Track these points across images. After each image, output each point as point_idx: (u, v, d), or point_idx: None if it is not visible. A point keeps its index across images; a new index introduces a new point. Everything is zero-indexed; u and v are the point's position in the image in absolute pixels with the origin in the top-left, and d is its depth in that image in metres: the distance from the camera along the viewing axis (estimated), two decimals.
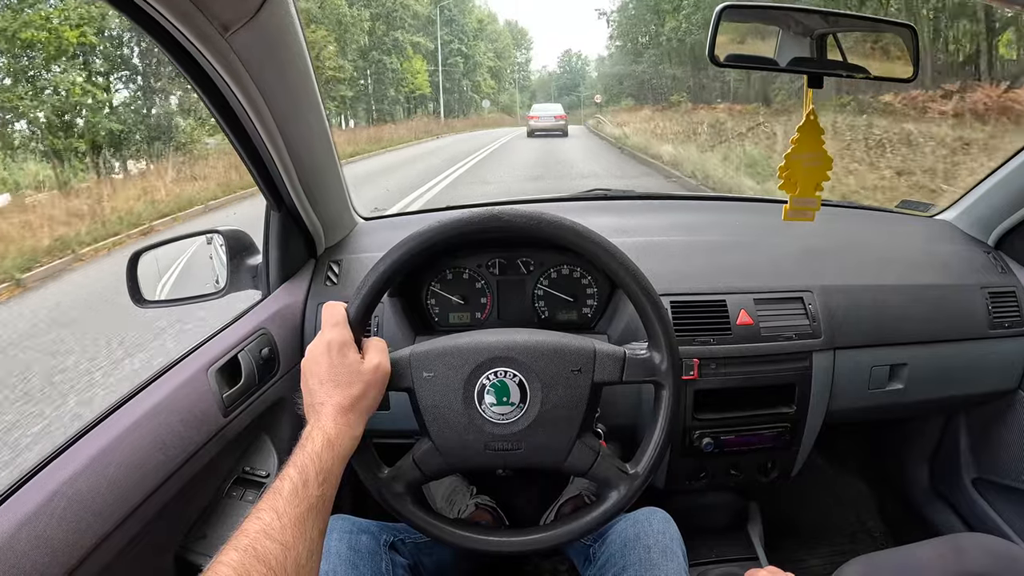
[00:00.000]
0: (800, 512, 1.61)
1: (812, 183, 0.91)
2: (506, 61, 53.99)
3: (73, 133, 12.31)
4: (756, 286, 1.13)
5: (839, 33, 0.95)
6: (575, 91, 67.88)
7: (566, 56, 74.93)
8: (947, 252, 1.28)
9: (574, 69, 72.57)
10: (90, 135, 12.41)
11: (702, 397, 1.08)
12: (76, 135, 12.33)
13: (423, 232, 0.76)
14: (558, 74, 73.71)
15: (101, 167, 12.33)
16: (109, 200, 8.73)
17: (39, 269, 6.17)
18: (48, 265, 6.30)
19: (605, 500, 0.78)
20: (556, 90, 68.32)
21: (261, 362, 0.98)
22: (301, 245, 1.14)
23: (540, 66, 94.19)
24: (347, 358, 0.70)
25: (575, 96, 66.02)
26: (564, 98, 63.81)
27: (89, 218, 7.79)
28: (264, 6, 0.73)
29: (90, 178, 11.35)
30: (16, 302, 5.51)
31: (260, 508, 0.58)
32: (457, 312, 1.14)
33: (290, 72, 0.84)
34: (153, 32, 0.71)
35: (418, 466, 0.77)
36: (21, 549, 0.60)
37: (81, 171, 11.75)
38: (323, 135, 0.99)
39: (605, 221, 1.24)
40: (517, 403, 0.74)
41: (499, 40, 52.61)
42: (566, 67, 73.63)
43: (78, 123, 12.54)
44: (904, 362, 1.17)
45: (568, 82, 70.07)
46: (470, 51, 43.99)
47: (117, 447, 0.74)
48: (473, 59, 44.43)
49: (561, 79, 71.63)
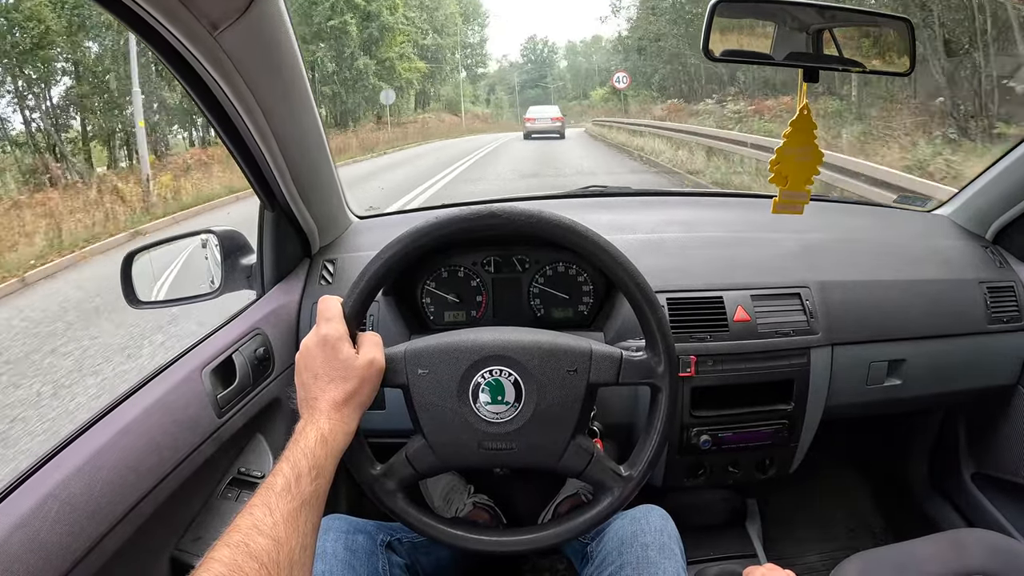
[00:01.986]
0: (799, 509, 1.61)
1: (803, 177, 0.91)
2: (450, 39, 39.55)
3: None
4: (753, 282, 1.12)
5: (835, 27, 0.94)
6: (541, 82, 60.93)
7: (530, 44, 66.08)
8: (945, 247, 1.28)
9: (540, 59, 64.89)
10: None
11: (699, 394, 1.08)
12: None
13: (420, 228, 0.75)
14: (520, 64, 65.22)
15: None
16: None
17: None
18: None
19: (599, 502, 0.77)
20: (519, 83, 61.47)
21: (256, 362, 0.98)
22: (296, 245, 1.13)
23: (500, 55, 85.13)
24: (342, 353, 0.70)
25: (540, 88, 59.33)
26: (528, 91, 57.84)
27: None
28: (253, 4, 0.72)
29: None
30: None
31: (252, 504, 0.58)
32: (452, 311, 1.14)
33: (281, 70, 0.84)
34: (141, 31, 0.70)
35: (411, 463, 0.76)
36: (14, 552, 0.60)
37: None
38: (316, 134, 0.98)
39: (601, 218, 1.24)
40: (512, 402, 0.74)
41: (438, 7, 37.38)
42: (530, 56, 65.32)
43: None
44: (902, 358, 1.17)
45: (534, 73, 62.74)
46: (372, 6, 26.77)
47: (111, 449, 0.74)
48: (379, 20, 26.95)
49: (524, 71, 63.68)
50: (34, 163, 11.98)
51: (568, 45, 65.71)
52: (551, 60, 64.26)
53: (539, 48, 65.22)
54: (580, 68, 60.86)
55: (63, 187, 10.54)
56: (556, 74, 63.29)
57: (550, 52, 64.34)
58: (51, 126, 13.90)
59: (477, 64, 50.77)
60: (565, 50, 65.42)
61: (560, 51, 65.99)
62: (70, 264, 7.13)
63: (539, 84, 59.98)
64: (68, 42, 14.22)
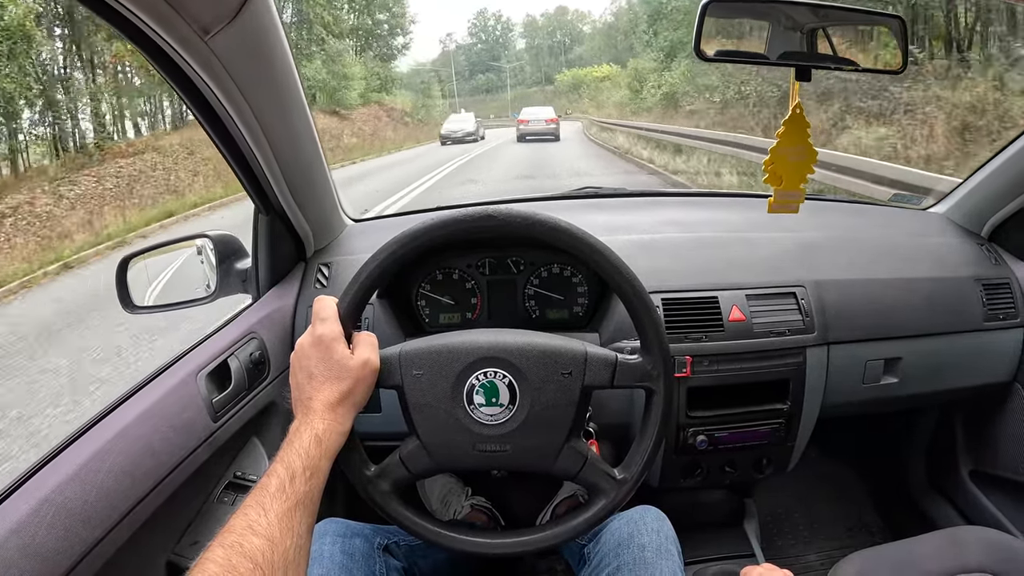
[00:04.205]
0: (796, 508, 1.61)
1: (798, 176, 0.91)
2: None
3: None
4: (748, 281, 1.12)
5: (828, 26, 0.94)
6: (494, 65, 51.39)
7: (480, 20, 55.79)
8: (940, 245, 1.28)
9: (493, 38, 55.75)
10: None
11: (695, 394, 1.08)
12: None
13: (415, 229, 0.75)
14: (469, 44, 55.58)
15: None
16: None
17: None
18: None
19: (593, 505, 0.77)
20: (468, 67, 52.45)
21: (251, 366, 0.98)
22: (290, 248, 1.13)
23: (444, 34, 72.64)
24: (336, 353, 0.70)
25: (494, 72, 50.10)
26: (480, 76, 50.00)
27: None
28: (244, 8, 0.72)
29: None
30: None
31: (247, 504, 0.58)
32: (447, 313, 1.14)
33: (273, 74, 0.84)
34: (131, 36, 0.70)
35: (405, 464, 0.76)
36: (10, 557, 0.60)
37: None
38: (309, 137, 0.98)
39: (596, 219, 1.24)
40: (506, 404, 0.74)
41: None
42: (480, 35, 56.00)
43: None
44: (899, 356, 1.17)
45: (484, 55, 53.61)
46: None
47: (107, 454, 0.74)
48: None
49: (474, 52, 54.30)
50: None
51: (527, 20, 55.94)
52: (507, 40, 55.82)
53: (491, 25, 55.96)
54: (542, 48, 52.79)
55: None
56: (513, 55, 54.82)
57: (504, 30, 55.83)
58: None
59: (392, 33, 33.10)
60: (523, 26, 56.11)
61: (516, 28, 57.00)
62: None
63: (491, 67, 51.34)
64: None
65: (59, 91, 13.71)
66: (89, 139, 13.64)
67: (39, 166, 12.24)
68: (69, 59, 14.19)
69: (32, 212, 10.04)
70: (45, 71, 13.47)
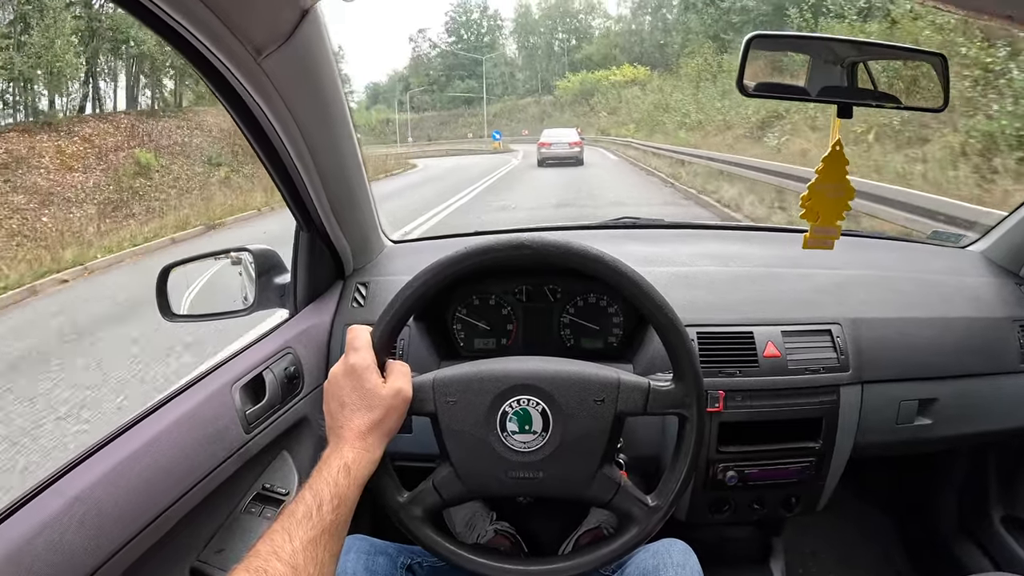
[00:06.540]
0: (824, 547, 1.56)
1: (834, 213, 0.91)
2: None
3: None
4: (784, 318, 1.11)
5: (869, 61, 0.94)
6: (472, 72, 38.87)
7: (462, 10, 42.27)
8: (977, 284, 1.26)
9: (478, 36, 42.63)
10: None
11: (727, 430, 1.06)
12: None
13: (450, 258, 0.76)
14: (449, 44, 43.17)
15: None
16: None
17: None
18: None
19: (625, 532, 0.77)
20: (444, 71, 40.30)
21: (285, 380, 0.99)
22: (329, 266, 1.15)
23: (415, 30, 57.74)
24: (368, 382, 0.71)
25: (475, 79, 37.75)
26: (458, 83, 38.80)
27: None
28: (297, 30, 0.75)
29: None
30: None
31: (273, 530, 0.59)
32: (482, 338, 1.14)
33: (321, 95, 0.86)
34: (186, 53, 0.73)
35: (438, 491, 0.77)
36: (38, 552, 0.61)
37: None
38: (353, 158, 1.00)
39: (633, 249, 1.24)
40: (539, 431, 0.74)
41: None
42: (460, 32, 42.94)
43: None
44: (934, 397, 1.14)
45: (465, 57, 41.16)
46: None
47: (140, 457, 0.75)
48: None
49: (452, 53, 42.03)
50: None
51: (519, 11, 41.65)
52: (495, 40, 42.65)
53: (474, 18, 42.14)
54: (537, 48, 41.19)
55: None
56: (502, 60, 41.71)
57: (493, 26, 43.37)
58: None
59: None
60: (515, 22, 42.91)
61: (507, 23, 43.67)
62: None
63: (475, 73, 40.41)
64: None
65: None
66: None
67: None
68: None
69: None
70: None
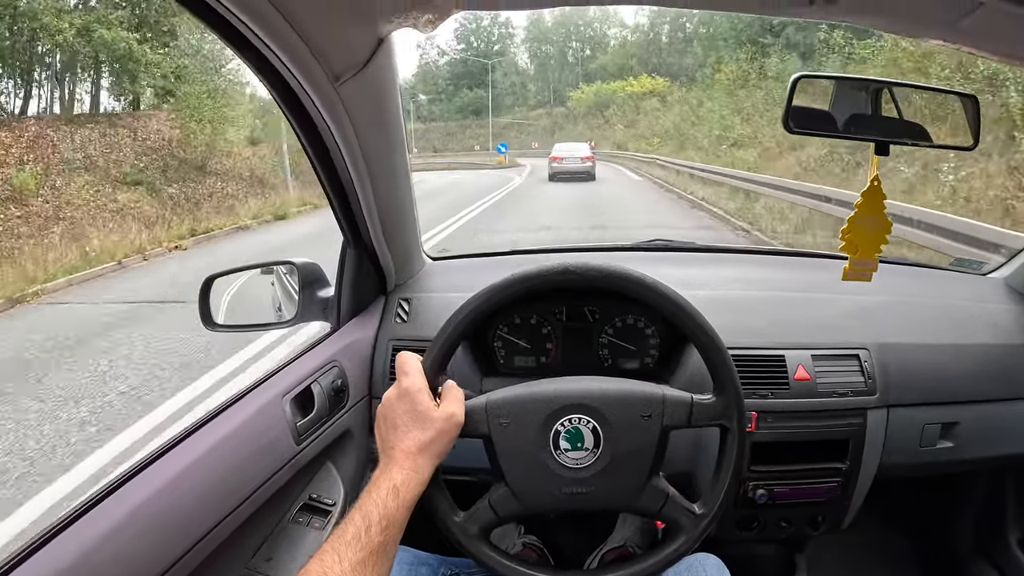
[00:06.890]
0: (844, 566, 1.59)
1: (873, 246, 0.95)
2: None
3: None
4: (814, 342, 1.14)
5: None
6: (481, 82, 37.54)
7: (472, 17, 37.75)
8: (999, 311, 1.29)
9: (488, 43, 40.68)
10: None
11: (757, 449, 1.09)
12: None
13: (497, 286, 0.80)
14: (457, 51, 41.59)
15: None
16: None
17: None
18: None
19: (674, 540, 0.80)
20: (452, 79, 39.49)
21: (332, 393, 1.02)
22: (373, 281, 1.18)
23: (422, 38, 50.41)
24: (421, 404, 0.73)
25: (483, 87, 36.48)
26: (466, 92, 37.69)
27: None
28: (373, 58, 0.78)
29: None
30: None
31: (323, 550, 0.61)
32: (522, 356, 1.17)
33: (387, 122, 0.90)
34: (268, 77, 0.76)
35: (494, 509, 0.79)
36: (101, 560, 0.63)
37: None
38: (406, 178, 1.04)
39: (668, 272, 1.25)
40: (591, 448, 0.77)
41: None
42: (470, 39, 41.12)
43: None
44: (956, 421, 1.17)
45: (476, 65, 39.34)
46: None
47: (198, 468, 0.77)
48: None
49: (462, 60, 40.63)
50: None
51: (531, 19, 40.38)
52: (505, 49, 41.66)
53: (484, 25, 40.98)
54: (549, 57, 40.08)
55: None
56: (512, 69, 41.58)
57: (504, 34, 42.44)
58: None
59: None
60: (527, 30, 41.30)
61: (519, 32, 42.07)
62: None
63: (484, 82, 38.69)
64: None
65: None
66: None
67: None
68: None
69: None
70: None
